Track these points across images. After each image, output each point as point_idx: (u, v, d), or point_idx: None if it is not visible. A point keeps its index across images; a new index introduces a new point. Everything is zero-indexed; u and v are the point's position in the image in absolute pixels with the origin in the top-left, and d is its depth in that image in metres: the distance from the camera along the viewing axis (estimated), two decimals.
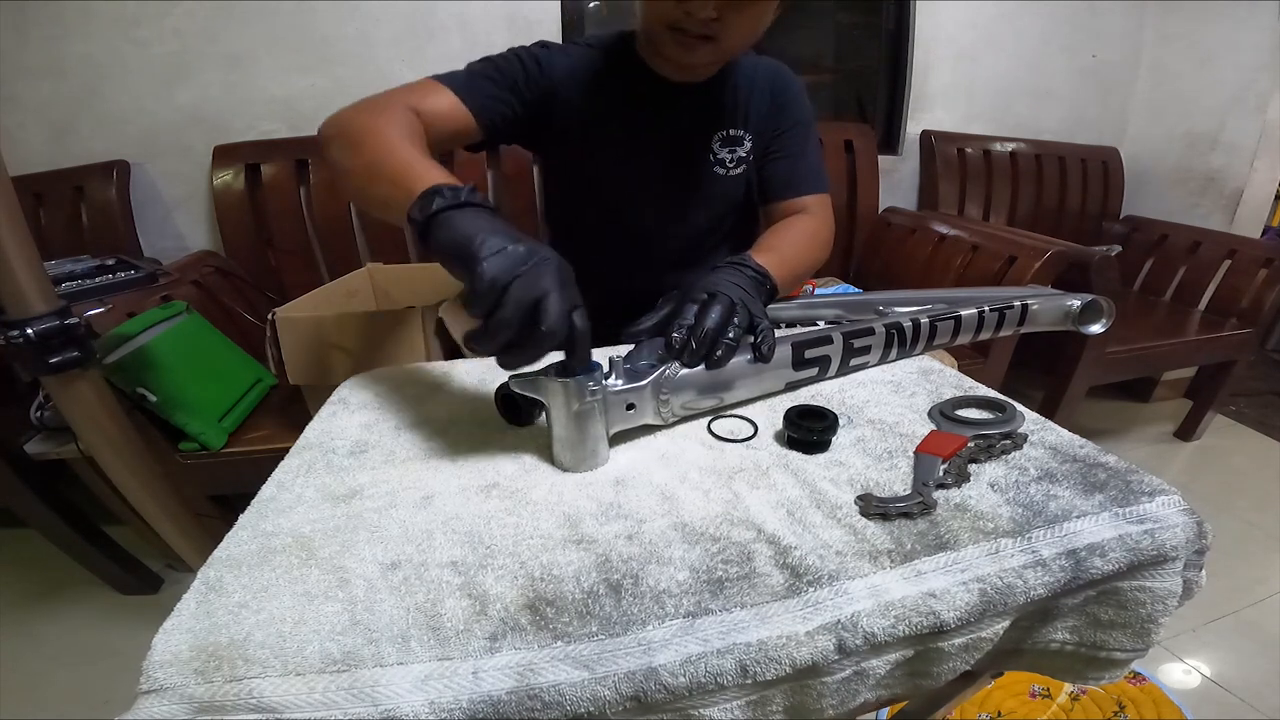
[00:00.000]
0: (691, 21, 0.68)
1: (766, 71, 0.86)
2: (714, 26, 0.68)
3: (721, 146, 0.85)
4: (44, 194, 1.40)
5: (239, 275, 1.46)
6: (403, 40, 1.48)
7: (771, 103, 0.86)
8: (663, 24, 0.70)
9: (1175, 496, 0.42)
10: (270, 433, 1.12)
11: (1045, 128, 1.98)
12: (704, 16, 0.67)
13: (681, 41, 0.70)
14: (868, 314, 0.70)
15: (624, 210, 0.88)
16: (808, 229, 0.83)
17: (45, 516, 1.18)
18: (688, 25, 0.68)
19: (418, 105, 0.70)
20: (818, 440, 0.49)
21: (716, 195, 0.88)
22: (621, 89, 0.82)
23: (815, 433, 0.49)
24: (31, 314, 0.78)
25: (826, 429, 0.50)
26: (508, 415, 0.55)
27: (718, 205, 0.90)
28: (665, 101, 0.82)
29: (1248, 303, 1.67)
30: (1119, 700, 1.02)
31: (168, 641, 0.33)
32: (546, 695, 0.31)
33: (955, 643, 0.37)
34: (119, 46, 1.38)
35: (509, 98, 0.78)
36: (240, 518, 0.44)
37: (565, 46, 0.84)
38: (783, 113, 0.86)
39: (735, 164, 0.86)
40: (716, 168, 0.86)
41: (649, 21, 0.73)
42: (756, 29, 0.72)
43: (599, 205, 0.90)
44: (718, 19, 0.67)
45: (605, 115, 0.82)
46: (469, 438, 0.54)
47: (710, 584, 0.36)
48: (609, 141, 0.84)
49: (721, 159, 0.86)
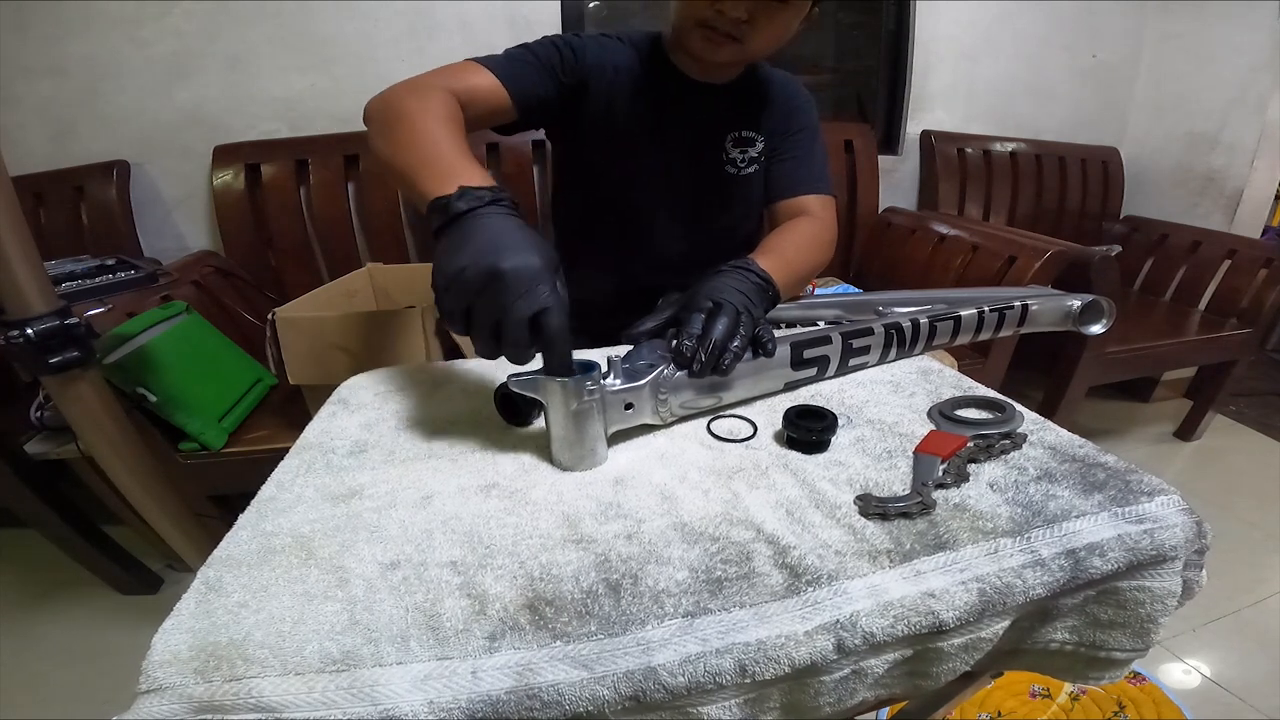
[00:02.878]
0: (722, 20, 0.71)
1: (780, 81, 0.89)
2: (742, 28, 0.72)
3: (734, 146, 0.87)
4: (44, 194, 1.40)
5: (239, 275, 1.46)
6: (403, 40, 1.48)
7: (782, 109, 0.88)
8: (694, 20, 0.73)
9: (1175, 496, 0.42)
10: (270, 433, 1.12)
11: (1045, 128, 1.98)
12: (734, 16, 0.70)
13: (709, 38, 0.73)
14: (867, 314, 0.70)
15: (636, 204, 0.89)
16: (810, 232, 0.84)
17: (45, 516, 1.18)
18: (718, 23, 0.71)
19: (455, 85, 0.71)
20: (817, 440, 0.49)
21: (729, 195, 0.90)
22: (648, 84, 0.84)
23: (814, 433, 0.49)
24: (31, 314, 0.78)
25: (825, 429, 0.50)
26: (507, 415, 0.55)
27: (730, 206, 0.91)
28: (685, 98, 0.84)
29: (1248, 303, 1.66)
30: (1119, 700, 1.02)
31: (167, 641, 0.33)
32: (545, 695, 0.31)
33: (954, 643, 0.37)
34: (119, 46, 1.38)
35: (545, 80, 0.80)
36: (240, 518, 0.44)
37: (599, 38, 0.85)
38: (791, 118, 0.88)
39: (747, 163, 0.88)
40: (728, 167, 0.87)
41: (681, 17, 0.76)
42: (782, 35, 0.74)
43: (610, 198, 0.91)
44: (747, 21, 0.71)
45: (630, 107, 0.84)
46: (469, 438, 0.54)
47: (709, 584, 0.36)
48: (629, 133, 0.85)
49: (734, 158, 0.87)
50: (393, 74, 0.70)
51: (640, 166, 0.87)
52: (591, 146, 0.87)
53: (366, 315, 1.01)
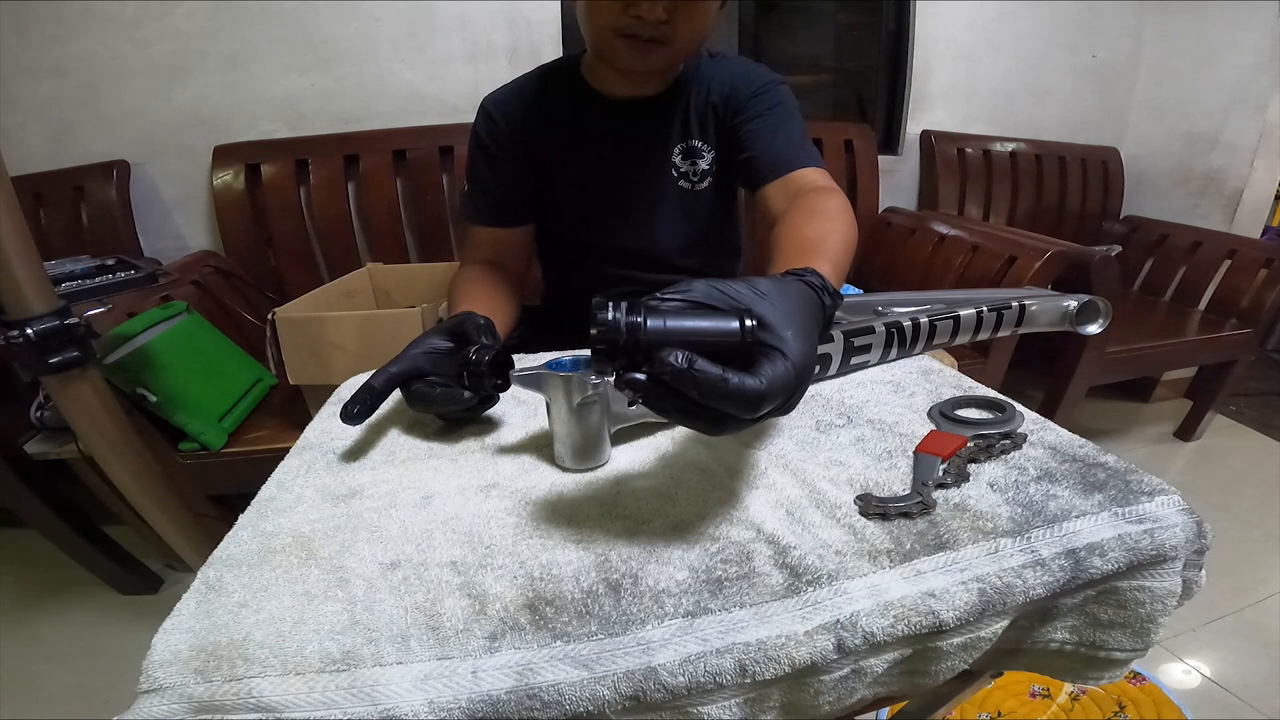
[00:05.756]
0: (643, 26, 0.68)
1: (728, 72, 0.83)
2: (664, 29, 0.69)
3: (684, 160, 0.84)
4: (44, 194, 1.40)
5: (239, 275, 1.46)
6: (402, 40, 1.48)
7: (736, 97, 0.81)
8: (614, 33, 0.70)
9: (1175, 496, 0.42)
10: (270, 433, 1.12)
11: (1045, 128, 1.98)
12: (654, 19, 0.67)
13: (634, 48, 0.71)
14: (866, 314, 0.70)
15: (592, 230, 0.89)
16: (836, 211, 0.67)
17: (45, 516, 1.18)
18: (640, 30, 0.69)
19: (483, 256, 0.87)
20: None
21: (686, 210, 0.87)
22: (563, 109, 0.83)
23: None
24: (31, 314, 0.79)
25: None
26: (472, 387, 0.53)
27: (690, 219, 0.88)
28: (613, 120, 0.83)
29: (1248, 303, 1.66)
30: (1119, 700, 1.02)
31: (167, 641, 0.33)
32: (546, 695, 0.31)
33: (954, 642, 0.37)
34: (119, 46, 1.38)
35: (500, 181, 0.86)
36: (240, 517, 0.44)
37: (500, 91, 0.87)
38: (756, 99, 0.80)
39: (699, 178, 0.86)
40: (681, 182, 0.85)
41: (598, 33, 0.72)
42: (705, 27, 0.72)
43: (569, 226, 0.91)
44: (667, 21, 0.68)
45: (549, 136, 0.84)
46: (469, 438, 0.54)
47: (709, 584, 0.36)
48: (559, 162, 0.85)
49: (685, 172, 0.85)
50: (392, 74, 0.71)
51: (586, 194, 0.87)
52: (537, 180, 0.88)
53: (366, 315, 1.01)
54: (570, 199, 0.88)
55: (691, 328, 0.34)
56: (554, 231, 0.93)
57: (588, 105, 0.83)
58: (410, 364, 0.54)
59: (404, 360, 0.54)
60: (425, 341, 0.56)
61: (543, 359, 0.55)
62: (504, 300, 0.80)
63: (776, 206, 0.75)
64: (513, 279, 0.87)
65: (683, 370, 0.31)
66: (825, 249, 0.59)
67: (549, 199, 0.89)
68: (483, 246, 0.88)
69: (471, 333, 0.56)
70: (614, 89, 0.82)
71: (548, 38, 1.53)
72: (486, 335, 0.56)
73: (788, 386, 0.33)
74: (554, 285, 1.02)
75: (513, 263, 0.89)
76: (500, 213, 0.87)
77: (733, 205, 0.95)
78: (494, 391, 0.53)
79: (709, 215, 0.89)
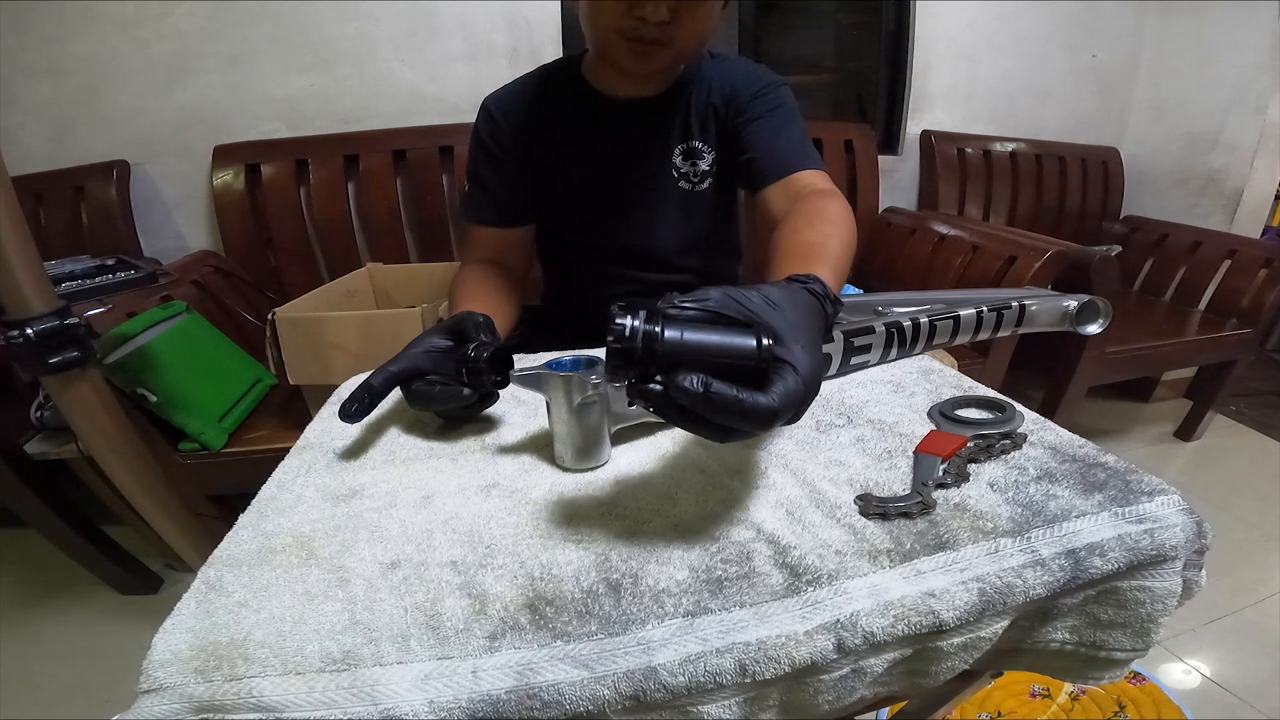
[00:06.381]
0: (646, 27, 0.68)
1: (730, 72, 0.83)
2: (667, 30, 0.68)
3: (684, 160, 0.84)
4: (44, 194, 1.40)
5: (239, 275, 1.46)
6: (402, 40, 1.48)
7: (737, 98, 0.81)
8: (616, 34, 0.70)
9: (1175, 496, 0.42)
10: (270, 433, 1.12)
11: (1045, 128, 1.98)
12: (657, 20, 0.67)
13: (635, 49, 0.71)
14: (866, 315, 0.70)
15: (593, 230, 0.89)
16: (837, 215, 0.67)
17: (45, 516, 1.18)
18: (643, 31, 0.68)
19: (484, 255, 0.87)
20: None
21: (686, 210, 0.87)
22: (564, 109, 0.83)
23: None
24: (31, 314, 0.79)
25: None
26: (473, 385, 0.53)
27: (690, 220, 0.88)
28: (614, 120, 0.82)
29: (1248, 303, 1.66)
30: (1119, 700, 1.02)
31: (167, 641, 0.33)
32: (546, 694, 0.31)
33: (954, 642, 0.37)
34: (119, 46, 1.38)
35: (501, 181, 0.86)
36: (240, 517, 0.44)
37: (501, 90, 0.87)
38: (757, 101, 0.80)
39: (700, 178, 0.85)
40: (681, 182, 0.85)
41: (600, 33, 0.72)
42: (708, 27, 0.72)
43: (570, 226, 0.91)
44: (670, 22, 0.68)
45: (550, 136, 0.84)
46: (469, 438, 0.54)
47: (709, 583, 0.36)
48: (559, 162, 0.85)
49: (685, 173, 0.85)
50: (392, 74, 0.71)
51: (586, 194, 0.87)
52: (539, 180, 0.88)
53: (366, 315, 1.01)
54: (571, 199, 0.88)
55: (708, 343, 0.34)
56: (554, 231, 0.93)
57: (588, 105, 0.83)
58: (409, 363, 0.54)
59: (403, 359, 0.54)
60: (425, 340, 0.56)
61: (543, 359, 0.55)
62: (504, 300, 0.80)
63: (777, 209, 0.75)
64: (513, 279, 0.87)
65: (698, 394, 0.32)
66: (826, 254, 0.59)
67: (549, 199, 0.89)
68: (483, 246, 0.88)
69: (470, 331, 0.57)
70: (615, 89, 0.82)
71: (548, 38, 1.53)
72: (485, 333, 0.56)
73: (798, 401, 0.34)
74: (554, 285, 1.02)
75: (513, 262, 0.89)
76: (501, 212, 0.87)
77: (733, 206, 0.95)
78: (493, 389, 0.53)
79: (709, 216, 0.89)
